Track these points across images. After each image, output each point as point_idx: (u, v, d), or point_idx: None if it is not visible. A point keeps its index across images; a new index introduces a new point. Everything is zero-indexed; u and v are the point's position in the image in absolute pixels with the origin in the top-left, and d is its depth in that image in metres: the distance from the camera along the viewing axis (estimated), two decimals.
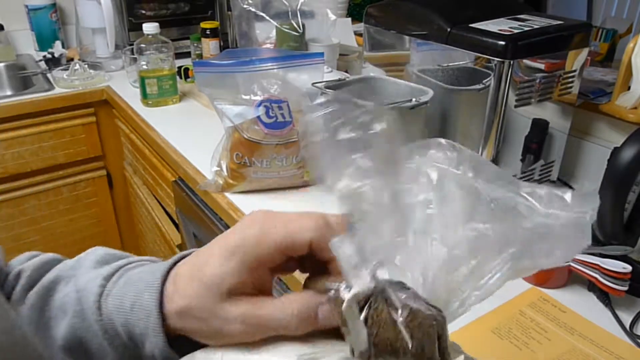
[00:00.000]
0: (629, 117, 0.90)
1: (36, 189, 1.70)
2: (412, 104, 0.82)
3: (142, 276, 0.36)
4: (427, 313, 0.28)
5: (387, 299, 0.28)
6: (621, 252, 0.69)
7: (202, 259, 0.33)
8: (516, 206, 0.30)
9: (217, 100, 0.90)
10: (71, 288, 0.38)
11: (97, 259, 0.40)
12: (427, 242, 0.30)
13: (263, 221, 0.32)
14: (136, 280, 0.36)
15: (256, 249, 0.32)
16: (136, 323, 0.35)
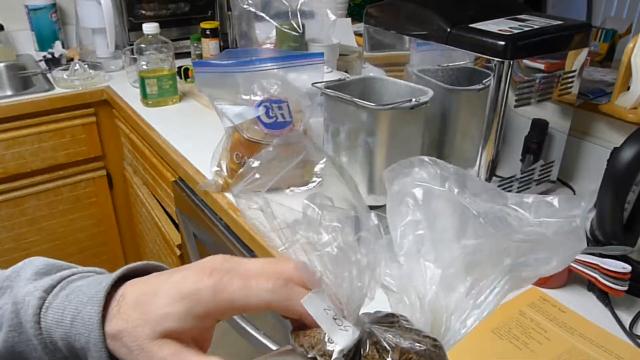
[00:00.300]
0: (628, 117, 0.90)
1: (36, 189, 1.70)
2: (412, 104, 0.82)
3: (84, 290, 0.35)
4: (420, 349, 0.27)
5: (377, 342, 0.27)
6: (621, 252, 0.69)
7: (152, 291, 0.33)
8: (506, 218, 0.29)
9: (217, 100, 0.90)
10: (7, 300, 0.37)
11: (37, 270, 0.38)
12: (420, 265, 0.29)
13: (222, 274, 0.32)
14: (78, 293, 0.35)
15: (209, 303, 0.31)
16: (77, 338, 0.34)
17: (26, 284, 0.37)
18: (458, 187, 0.30)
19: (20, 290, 0.36)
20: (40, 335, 0.34)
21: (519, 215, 0.30)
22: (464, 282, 0.29)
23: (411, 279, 0.30)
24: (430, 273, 0.29)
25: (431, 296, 0.29)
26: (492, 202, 0.30)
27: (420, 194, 0.30)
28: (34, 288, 0.36)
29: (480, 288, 0.29)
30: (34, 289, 0.36)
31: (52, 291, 0.36)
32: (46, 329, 0.34)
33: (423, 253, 0.30)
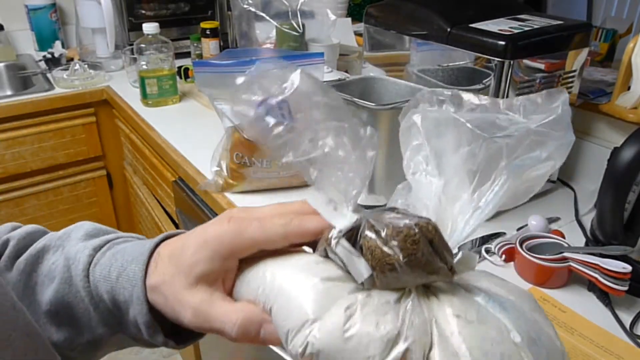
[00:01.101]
0: (629, 117, 0.90)
1: (36, 189, 1.70)
2: None
3: (129, 250, 0.38)
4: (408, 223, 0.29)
5: (373, 225, 0.30)
6: (621, 252, 0.69)
7: (181, 245, 0.36)
8: (495, 121, 0.31)
9: (217, 100, 0.90)
10: (59, 257, 0.40)
11: (86, 232, 0.43)
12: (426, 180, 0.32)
13: (240, 219, 0.35)
14: (123, 253, 0.38)
15: (231, 242, 0.34)
16: (121, 292, 0.37)
17: (77, 243, 0.41)
18: (454, 107, 0.33)
19: (71, 249, 0.40)
20: (88, 288, 0.38)
21: (508, 117, 0.32)
22: (466, 189, 0.31)
23: (418, 194, 0.32)
24: (435, 185, 0.32)
25: (436, 205, 0.31)
26: (485, 112, 0.32)
27: (419, 118, 0.33)
28: (84, 247, 0.40)
29: (482, 191, 0.31)
30: (84, 247, 0.40)
31: (99, 250, 0.40)
32: (93, 282, 0.38)
33: (428, 170, 0.32)
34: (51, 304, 0.39)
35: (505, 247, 0.78)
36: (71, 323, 0.39)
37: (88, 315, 0.39)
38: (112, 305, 0.38)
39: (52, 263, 0.41)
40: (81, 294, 0.38)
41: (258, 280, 0.33)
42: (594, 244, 0.77)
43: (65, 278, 0.39)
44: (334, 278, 0.30)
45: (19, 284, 0.40)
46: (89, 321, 0.39)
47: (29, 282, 0.40)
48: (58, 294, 0.39)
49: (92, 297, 0.38)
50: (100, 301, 0.38)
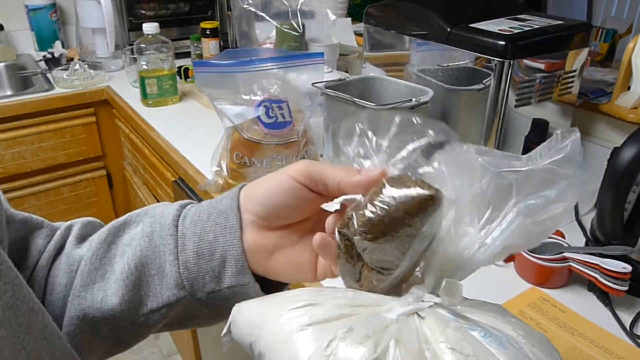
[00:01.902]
0: (629, 117, 0.90)
1: (36, 189, 1.70)
2: (412, 104, 0.82)
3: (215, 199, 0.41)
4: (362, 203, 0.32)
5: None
6: (621, 252, 0.69)
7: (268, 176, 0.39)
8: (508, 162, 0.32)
9: (217, 100, 0.90)
10: (140, 228, 0.42)
11: (166, 204, 0.44)
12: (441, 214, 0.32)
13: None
14: (210, 201, 0.41)
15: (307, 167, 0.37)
16: (212, 229, 0.39)
17: (161, 207, 0.43)
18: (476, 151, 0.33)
19: (155, 211, 0.42)
20: (175, 235, 0.39)
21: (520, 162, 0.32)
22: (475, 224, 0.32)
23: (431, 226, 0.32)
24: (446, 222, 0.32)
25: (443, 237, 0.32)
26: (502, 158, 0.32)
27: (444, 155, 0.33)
28: (170, 205, 0.42)
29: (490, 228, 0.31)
30: (171, 206, 0.42)
31: (186, 206, 0.42)
32: (182, 230, 0.39)
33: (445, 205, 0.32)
34: (126, 265, 0.40)
35: None
36: (140, 286, 0.40)
37: (162, 273, 0.39)
38: (195, 254, 0.39)
39: (134, 233, 0.42)
40: (161, 247, 0.39)
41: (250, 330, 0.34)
42: (594, 244, 0.77)
43: (147, 233, 0.40)
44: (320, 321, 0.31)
45: (97, 253, 0.41)
46: (161, 280, 0.40)
47: (108, 252, 0.41)
48: (136, 250, 0.40)
49: (176, 244, 0.39)
50: (183, 250, 0.39)
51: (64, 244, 0.44)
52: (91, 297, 0.40)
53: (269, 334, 0.32)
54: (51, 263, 0.43)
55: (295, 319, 0.31)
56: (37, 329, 0.34)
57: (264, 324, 0.33)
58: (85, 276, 0.40)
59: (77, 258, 0.42)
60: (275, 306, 0.34)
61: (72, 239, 0.44)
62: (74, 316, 0.40)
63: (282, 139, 0.90)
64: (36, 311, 0.34)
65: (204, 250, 0.38)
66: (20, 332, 0.32)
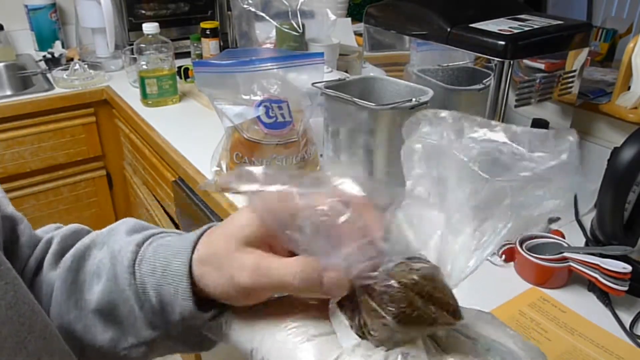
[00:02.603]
0: (629, 117, 0.90)
1: (36, 189, 1.70)
2: (412, 104, 0.82)
3: (173, 243, 0.39)
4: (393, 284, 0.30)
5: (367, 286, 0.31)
6: (621, 252, 0.69)
7: (230, 219, 0.37)
8: (499, 158, 0.31)
9: (217, 100, 0.90)
10: (105, 254, 0.41)
11: (129, 228, 0.43)
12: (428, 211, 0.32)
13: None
14: (167, 246, 0.39)
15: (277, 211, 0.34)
16: (167, 287, 0.37)
17: (121, 238, 0.41)
18: (455, 134, 0.32)
19: (115, 245, 0.40)
20: (134, 284, 0.38)
21: (512, 150, 0.31)
22: (468, 225, 0.31)
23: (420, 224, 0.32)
24: (437, 219, 0.32)
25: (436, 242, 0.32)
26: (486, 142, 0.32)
27: (420, 148, 0.33)
28: (127, 243, 0.40)
29: (484, 229, 0.31)
30: (127, 243, 0.40)
31: (142, 245, 0.40)
32: (140, 279, 0.38)
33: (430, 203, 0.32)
34: (98, 303, 0.39)
35: (505, 247, 0.78)
36: (116, 323, 0.40)
37: (133, 315, 0.39)
38: (158, 304, 0.38)
39: (98, 260, 0.41)
40: (127, 293, 0.38)
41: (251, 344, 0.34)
42: (594, 244, 0.77)
43: (111, 276, 0.39)
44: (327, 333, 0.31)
45: (67, 282, 0.41)
46: (134, 322, 0.39)
47: (76, 280, 0.41)
48: (104, 292, 0.39)
49: (138, 295, 0.38)
50: (146, 300, 0.38)
51: (43, 261, 0.43)
52: (72, 326, 0.40)
53: (274, 343, 0.32)
54: (32, 279, 0.43)
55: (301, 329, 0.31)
56: (38, 329, 0.34)
57: (267, 332, 0.33)
58: (60, 305, 0.40)
59: (51, 281, 0.42)
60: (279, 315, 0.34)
61: (49, 256, 0.43)
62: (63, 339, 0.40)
63: (282, 139, 0.90)
64: (36, 311, 0.34)
65: (165, 304, 0.38)
66: (22, 331, 0.32)
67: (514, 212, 0.30)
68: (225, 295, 0.35)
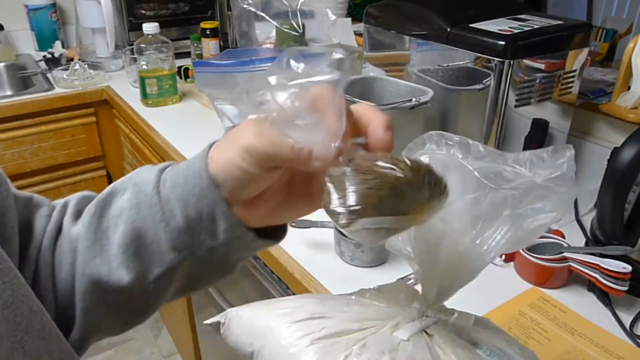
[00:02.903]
0: (629, 117, 0.90)
1: (36, 189, 1.70)
2: (412, 104, 0.82)
3: (189, 160, 0.40)
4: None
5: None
6: (621, 252, 0.69)
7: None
8: (501, 172, 0.32)
9: (217, 100, 0.90)
10: (126, 195, 0.41)
11: (148, 168, 0.44)
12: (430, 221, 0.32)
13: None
14: (186, 161, 0.40)
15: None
16: (191, 191, 0.38)
17: (142, 173, 0.42)
18: (462, 153, 0.33)
19: (137, 178, 0.42)
20: (159, 204, 0.39)
21: (515, 170, 0.32)
22: (469, 234, 0.32)
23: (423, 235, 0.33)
24: (439, 229, 0.32)
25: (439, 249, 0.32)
26: (492, 162, 0.33)
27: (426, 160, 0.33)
28: (149, 171, 0.41)
29: (484, 238, 0.31)
30: (149, 171, 0.41)
31: (164, 170, 0.41)
32: (165, 197, 0.39)
33: None
34: (123, 236, 0.40)
35: None
36: (141, 255, 0.40)
37: (158, 240, 0.39)
38: (184, 217, 0.38)
39: (121, 203, 0.41)
40: (151, 215, 0.39)
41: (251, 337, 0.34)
42: (594, 244, 0.77)
43: (134, 204, 0.40)
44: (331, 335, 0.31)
45: (90, 228, 0.41)
46: (159, 247, 0.39)
47: (100, 225, 0.41)
48: (127, 222, 0.40)
49: (164, 212, 0.39)
50: (171, 217, 0.38)
51: (62, 222, 0.44)
52: (97, 272, 0.40)
53: (276, 346, 0.31)
54: (54, 243, 0.43)
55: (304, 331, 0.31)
56: (36, 328, 0.34)
57: (269, 334, 0.32)
58: (85, 253, 0.41)
59: (74, 236, 0.42)
60: (280, 317, 0.33)
61: (68, 216, 0.44)
62: (85, 292, 0.41)
63: None
64: (35, 310, 0.34)
65: (191, 213, 0.38)
66: (18, 331, 0.32)
67: (513, 223, 0.31)
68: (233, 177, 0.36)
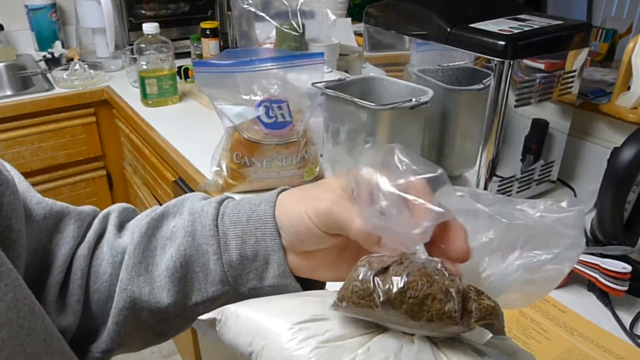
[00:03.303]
0: (629, 117, 0.90)
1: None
2: (412, 104, 0.82)
3: (254, 199, 0.41)
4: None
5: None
6: (621, 252, 0.69)
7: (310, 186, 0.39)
8: (513, 213, 0.32)
9: (217, 100, 0.90)
10: (179, 220, 0.42)
11: (202, 197, 0.45)
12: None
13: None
14: (249, 201, 0.41)
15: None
16: (252, 232, 0.39)
17: (198, 202, 0.43)
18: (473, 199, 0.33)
19: (194, 206, 0.42)
20: (217, 236, 0.40)
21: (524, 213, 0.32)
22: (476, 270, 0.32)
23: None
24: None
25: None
26: (502, 207, 0.33)
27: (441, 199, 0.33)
28: (208, 203, 0.42)
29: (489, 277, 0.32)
30: (208, 203, 0.42)
31: (223, 203, 0.42)
32: (222, 231, 0.40)
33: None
34: (171, 260, 0.40)
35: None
36: (185, 282, 0.41)
37: (206, 270, 0.40)
38: (238, 255, 0.39)
39: (173, 226, 0.42)
40: (205, 246, 0.40)
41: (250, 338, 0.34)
42: (594, 244, 0.77)
43: (189, 232, 0.40)
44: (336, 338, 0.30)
45: (139, 246, 0.42)
46: (205, 277, 0.40)
47: (149, 245, 0.42)
48: (179, 248, 0.40)
49: (219, 245, 0.39)
50: (226, 251, 0.39)
51: (104, 232, 0.45)
52: (138, 290, 0.41)
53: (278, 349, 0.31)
54: (92, 252, 0.44)
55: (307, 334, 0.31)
56: (38, 331, 0.34)
57: (270, 336, 0.32)
58: (130, 269, 0.41)
59: (120, 249, 0.43)
60: (280, 317, 0.33)
61: (111, 228, 0.45)
62: (122, 308, 0.41)
63: (282, 139, 0.90)
64: (37, 313, 0.34)
65: (247, 251, 0.39)
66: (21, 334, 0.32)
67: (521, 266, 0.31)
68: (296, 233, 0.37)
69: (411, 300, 0.28)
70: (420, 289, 0.28)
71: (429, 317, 0.28)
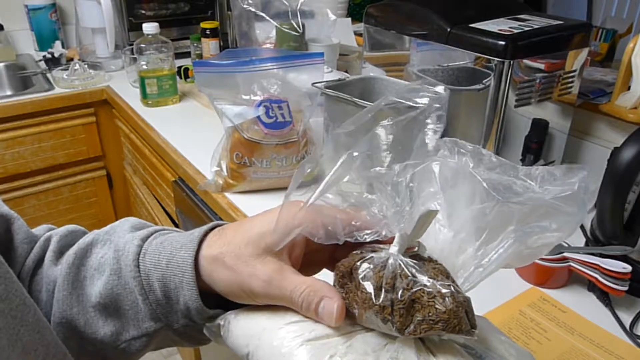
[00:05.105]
0: (629, 117, 0.90)
1: (36, 189, 1.70)
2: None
3: (177, 238, 0.40)
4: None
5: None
6: (621, 252, 0.69)
7: (248, 221, 0.38)
8: (511, 186, 0.32)
9: (217, 100, 0.90)
10: (107, 250, 0.41)
11: (132, 225, 0.44)
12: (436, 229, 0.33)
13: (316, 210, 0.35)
14: (171, 241, 0.39)
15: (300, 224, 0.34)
16: (171, 278, 0.38)
17: (124, 235, 0.42)
18: (473, 162, 0.33)
19: (119, 240, 0.41)
20: (139, 277, 0.39)
21: (525, 184, 0.32)
22: (472, 244, 0.32)
23: (427, 240, 0.33)
24: (443, 236, 0.33)
25: (439, 255, 0.32)
26: (504, 174, 0.32)
27: (437, 168, 0.33)
28: (132, 238, 0.41)
29: (486, 250, 0.32)
30: (132, 238, 0.41)
31: (147, 240, 0.41)
32: (144, 271, 0.39)
33: (438, 218, 0.33)
34: (100, 296, 0.40)
35: None
36: (118, 316, 0.40)
37: (136, 308, 0.40)
38: (162, 295, 0.38)
39: (100, 257, 0.42)
40: (130, 285, 0.39)
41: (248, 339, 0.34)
42: (594, 244, 0.77)
43: (115, 270, 0.40)
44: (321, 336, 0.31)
45: (68, 277, 0.41)
46: (136, 314, 0.40)
47: (78, 275, 0.41)
48: (107, 286, 0.40)
49: (143, 287, 0.39)
50: (150, 291, 0.39)
51: (43, 257, 0.44)
52: (74, 321, 0.41)
53: (269, 347, 0.32)
54: (31, 277, 0.43)
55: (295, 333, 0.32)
56: (31, 322, 0.34)
57: (263, 336, 0.33)
58: (62, 302, 0.41)
59: (52, 278, 0.42)
60: (273, 318, 0.34)
61: (49, 254, 0.44)
62: (63, 338, 0.40)
63: (282, 139, 0.90)
64: (28, 304, 0.35)
65: (170, 294, 0.39)
66: (15, 324, 0.32)
67: (517, 239, 0.31)
68: (233, 295, 0.36)
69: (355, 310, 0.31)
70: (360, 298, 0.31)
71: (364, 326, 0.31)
